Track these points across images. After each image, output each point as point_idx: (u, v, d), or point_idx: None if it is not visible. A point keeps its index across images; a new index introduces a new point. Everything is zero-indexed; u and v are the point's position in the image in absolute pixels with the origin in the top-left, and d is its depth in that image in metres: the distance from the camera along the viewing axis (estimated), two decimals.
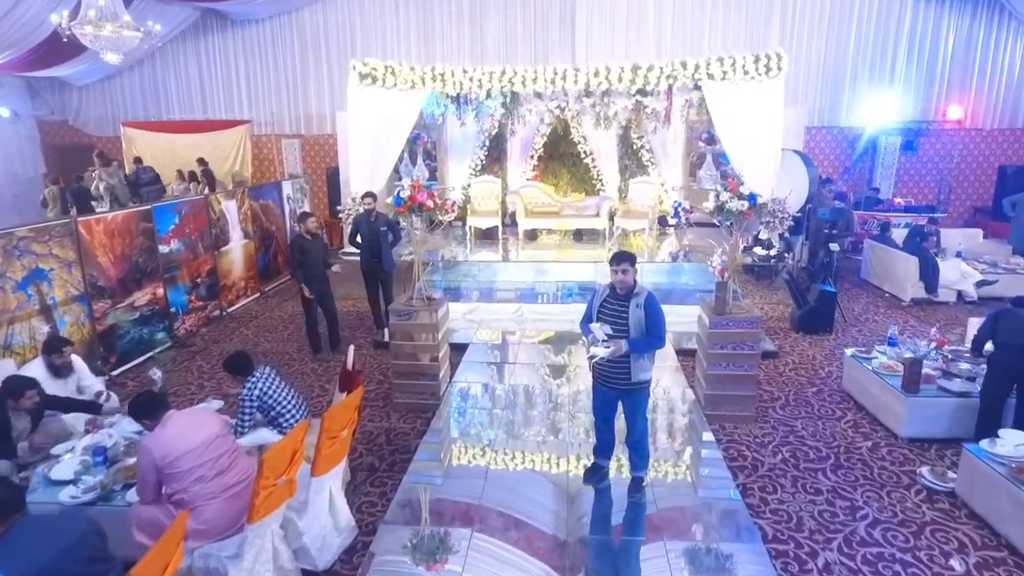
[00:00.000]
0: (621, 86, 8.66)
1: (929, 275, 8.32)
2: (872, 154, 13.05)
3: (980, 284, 8.37)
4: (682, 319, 7.53)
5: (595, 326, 3.96)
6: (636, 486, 4.29)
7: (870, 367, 5.46)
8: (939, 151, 12.98)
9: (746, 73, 8.34)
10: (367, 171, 9.06)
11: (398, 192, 5.34)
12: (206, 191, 10.73)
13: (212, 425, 3.39)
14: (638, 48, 12.59)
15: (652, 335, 3.97)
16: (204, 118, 13.83)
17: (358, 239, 7.18)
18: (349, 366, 4.30)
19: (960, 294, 8.50)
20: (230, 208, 8.48)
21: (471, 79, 8.76)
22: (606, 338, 3.92)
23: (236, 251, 8.63)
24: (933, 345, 5.04)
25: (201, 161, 12.22)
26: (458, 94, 9.02)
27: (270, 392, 4.10)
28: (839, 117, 12.99)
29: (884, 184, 12.75)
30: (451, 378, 6.15)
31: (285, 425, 4.16)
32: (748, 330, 5.23)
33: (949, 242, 9.53)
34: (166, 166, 12.43)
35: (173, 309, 7.27)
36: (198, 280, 7.77)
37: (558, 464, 4.75)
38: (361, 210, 7.25)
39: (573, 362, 6.71)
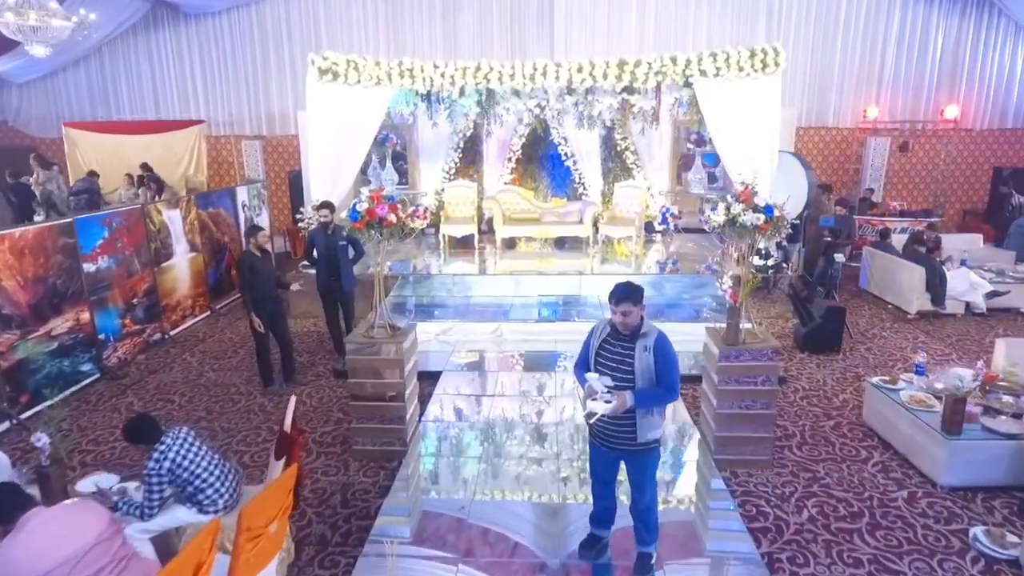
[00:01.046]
0: (606, 83, 7.88)
1: (936, 286, 7.69)
2: (862, 155, 12.49)
3: (991, 295, 7.76)
4: (681, 338, 6.81)
5: (592, 377, 3.14)
6: (643, 565, 3.48)
7: (898, 400, 4.74)
8: (928, 152, 12.47)
9: (741, 69, 7.63)
10: (329, 176, 8.19)
11: (354, 205, 4.47)
12: (156, 198, 9.72)
13: (92, 526, 2.51)
14: (619, 47, 11.82)
15: (663, 385, 3.18)
16: (157, 118, 12.74)
17: (315, 255, 6.29)
18: (287, 426, 3.41)
19: (968, 305, 7.88)
20: (173, 218, 7.50)
21: (442, 75, 7.91)
22: (606, 390, 3.12)
23: (181, 266, 7.65)
24: (979, 380, 4.35)
25: (145, 167, 11.13)
26: (428, 91, 8.17)
27: (185, 463, 3.21)
28: (827, 118, 12.40)
29: (874, 187, 12.17)
30: (420, 416, 5.29)
31: (207, 502, 3.28)
32: (765, 363, 4.47)
33: (950, 248, 8.92)
34: (114, 170, 11.34)
35: (102, 336, 6.29)
36: (134, 301, 6.79)
37: (551, 519, 3.94)
38: (317, 222, 6.35)
39: (560, 388, 5.90)
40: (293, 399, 3.61)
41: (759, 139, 7.81)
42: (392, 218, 4.44)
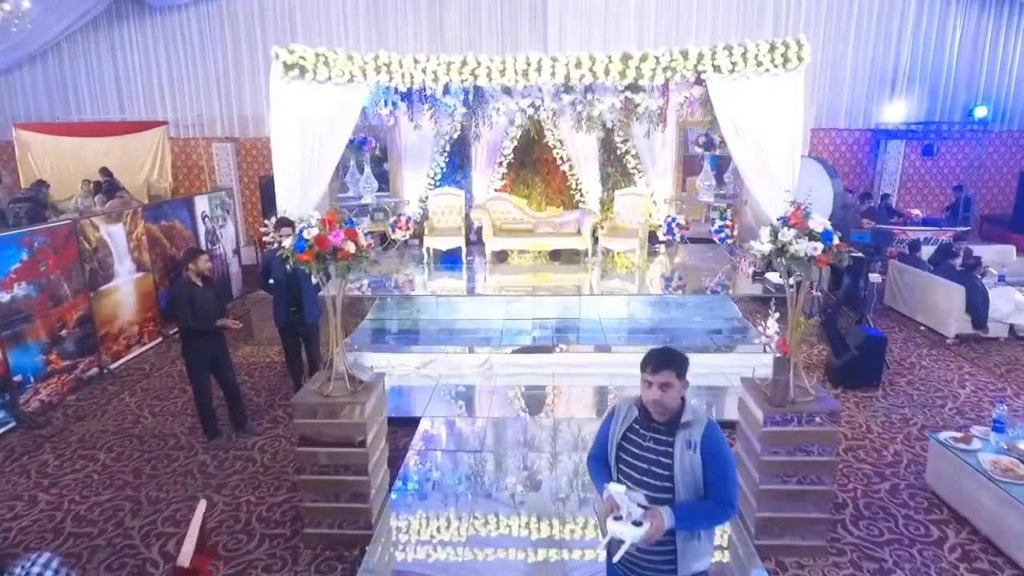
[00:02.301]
0: (608, 79, 6.92)
1: (978, 307, 6.78)
2: (874, 158, 11.61)
3: None
4: (700, 371, 5.89)
5: (616, 490, 2.16)
6: None
7: (978, 468, 3.80)
8: (944, 155, 11.57)
9: (759, 64, 6.67)
10: (298, 184, 7.18)
11: (301, 231, 3.47)
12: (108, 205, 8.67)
13: None
14: (618, 43, 10.84)
15: (716, 499, 2.20)
16: (121, 119, 11.65)
17: (271, 282, 5.27)
18: (185, 554, 2.36)
19: (1012, 328, 6.97)
20: (114, 234, 6.46)
21: (424, 71, 6.91)
22: (639, 506, 2.14)
23: (125, 289, 6.60)
24: None
25: (104, 171, 10.06)
26: (409, 89, 7.17)
27: None
28: (839, 119, 11.48)
29: (889, 192, 11.28)
30: (391, 483, 4.29)
31: None
32: (822, 428, 3.51)
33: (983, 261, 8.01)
34: (71, 175, 10.27)
35: (18, 377, 5.25)
36: (62, 333, 5.74)
37: None
38: (277, 244, 5.32)
39: (562, 438, 4.93)
40: (202, 505, 2.58)
41: (779, 142, 6.88)
42: (350, 247, 3.43)
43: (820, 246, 3.34)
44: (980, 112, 10.51)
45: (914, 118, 11.27)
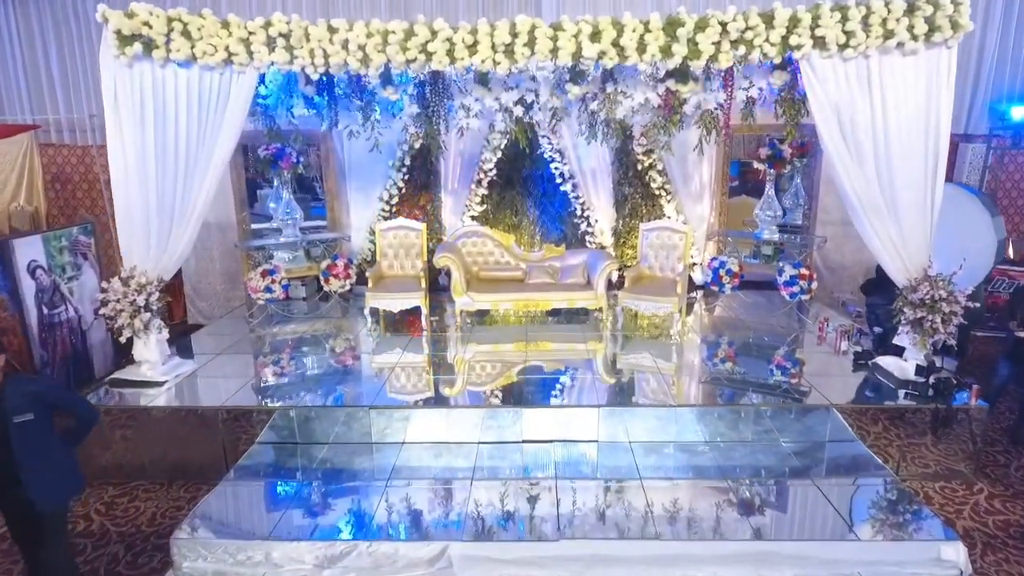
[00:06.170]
0: (643, 60, 4.13)
1: None
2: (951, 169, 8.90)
3: None
4: (814, 572, 3.16)
5: None
6: None
7: None
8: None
9: (889, 36, 3.92)
10: (152, 227, 4.40)
11: None
12: None
13: None
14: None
15: None
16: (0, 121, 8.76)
17: None
18: None
19: None
20: None
21: (345, 46, 4.10)
22: None
23: None
24: None
25: None
26: (324, 75, 4.36)
27: None
28: None
29: None
30: None
31: None
32: None
33: None
34: None
35: None
36: None
37: None
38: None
39: None
40: None
41: (913, 159, 4.18)
42: None
43: None
44: None
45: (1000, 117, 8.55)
